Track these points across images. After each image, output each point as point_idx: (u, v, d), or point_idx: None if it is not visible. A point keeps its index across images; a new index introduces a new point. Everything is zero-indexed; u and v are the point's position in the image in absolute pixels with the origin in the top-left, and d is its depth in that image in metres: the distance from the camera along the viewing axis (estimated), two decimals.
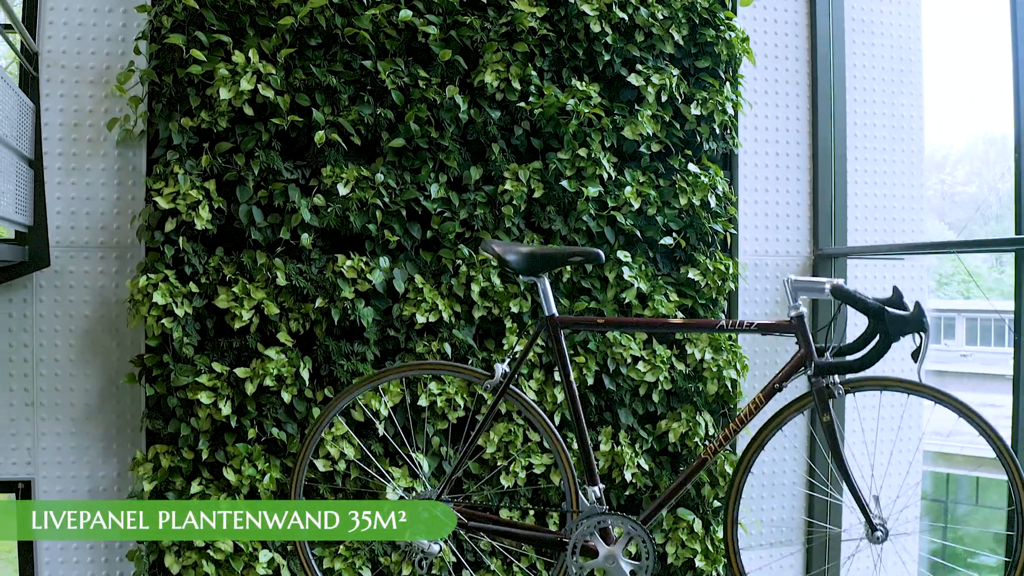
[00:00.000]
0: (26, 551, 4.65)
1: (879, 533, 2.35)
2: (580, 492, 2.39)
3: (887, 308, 2.20)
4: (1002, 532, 4.19)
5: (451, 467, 2.46)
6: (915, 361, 2.23)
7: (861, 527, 2.37)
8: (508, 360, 2.50)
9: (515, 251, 2.32)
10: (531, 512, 4.69)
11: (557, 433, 2.43)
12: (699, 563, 4.97)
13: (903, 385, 2.35)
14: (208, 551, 4.42)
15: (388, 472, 4.55)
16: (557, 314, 2.37)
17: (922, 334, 2.21)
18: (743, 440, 3.56)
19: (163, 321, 4.35)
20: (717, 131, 5.03)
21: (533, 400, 3.39)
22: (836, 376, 2.32)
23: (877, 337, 2.22)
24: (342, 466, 4.53)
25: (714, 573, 5.04)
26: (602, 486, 2.38)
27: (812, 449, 5.35)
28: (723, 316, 2.14)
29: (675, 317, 4.83)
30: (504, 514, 4.57)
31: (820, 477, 4.94)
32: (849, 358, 2.28)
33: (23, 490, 4.68)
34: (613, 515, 2.33)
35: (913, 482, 4.79)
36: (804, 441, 5.36)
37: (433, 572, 3.73)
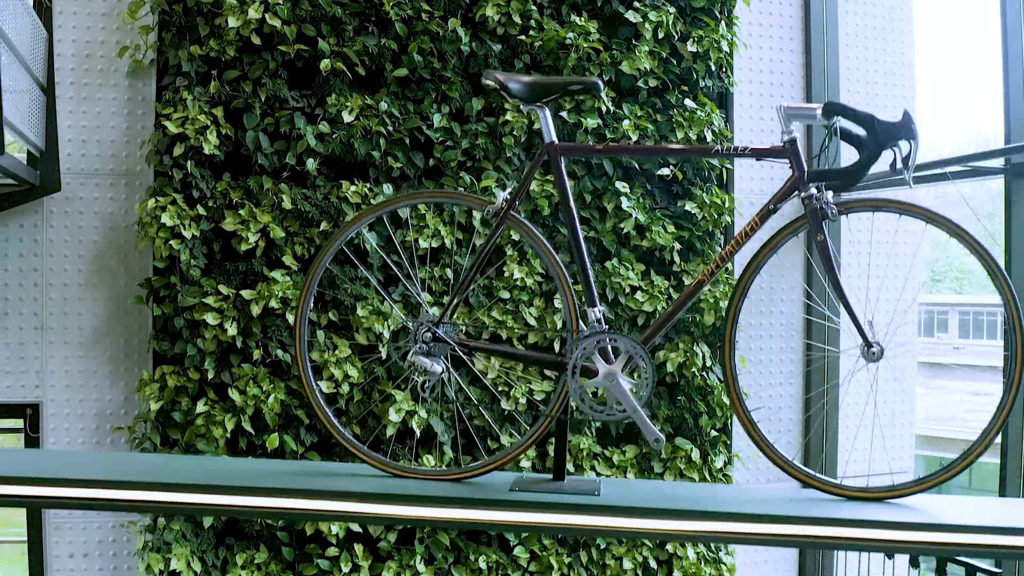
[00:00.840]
0: None
1: (875, 350, 2.42)
2: (580, 314, 2.47)
3: (876, 117, 2.30)
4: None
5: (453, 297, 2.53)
6: (905, 168, 2.31)
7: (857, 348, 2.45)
8: (509, 189, 2.59)
9: (517, 80, 2.41)
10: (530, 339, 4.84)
11: (556, 256, 2.51)
12: (693, 541, 5.02)
13: (895, 205, 2.43)
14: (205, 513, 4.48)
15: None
16: (557, 141, 2.46)
17: (911, 141, 2.30)
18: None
19: (171, 243, 4.45)
20: (713, 69, 5.14)
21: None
22: (830, 196, 2.41)
23: (867, 148, 2.32)
24: (345, 388, 4.61)
25: None
26: (602, 308, 2.46)
27: (809, 275, 5.46)
28: (718, 145, 2.22)
29: (673, 248, 4.94)
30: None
31: (816, 300, 5.06)
32: (840, 168, 2.37)
33: (31, 414, 4.75)
34: (613, 334, 2.41)
35: (905, 307, 4.88)
36: (801, 267, 5.48)
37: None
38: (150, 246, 4.51)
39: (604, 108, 4.92)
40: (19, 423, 4.78)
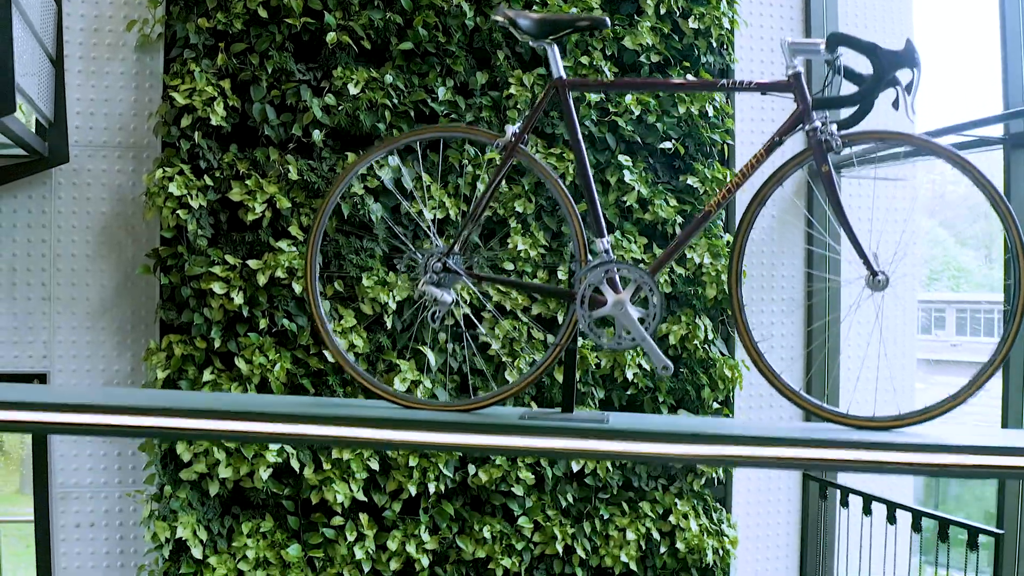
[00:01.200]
0: (40, 442, 4.74)
1: (880, 278, 2.46)
2: (588, 246, 2.51)
3: (879, 45, 2.35)
4: (992, 510, 4.33)
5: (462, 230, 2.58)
6: (908, 94, 2.35)
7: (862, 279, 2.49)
8: (519, 123, 2.64)
9: (527, 16, 2.45)
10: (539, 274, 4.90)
11: (564, 187, 2.55)
12: (700, 465, 5.07)
13: (899, 137, 2.48)
14: (219, 439, 4.52)
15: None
16: (565, 77, 2.51)
17: (914, 69, 2.35)
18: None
19: (178, 213, 4.49)
20: (714, 45, 5.20)
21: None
22: (834, 129, 2.46)
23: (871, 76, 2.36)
24: (351, 358, 4.63)
25: (714, 474, 5.14)
26: (609, 239, 2.50)
27: (811, 206, 5.52)
28: (724, 81, 2.26)
29: (677, 223, 4.99)
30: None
31: (818, 228, 5.12)
32: (845, 95, 2.42)
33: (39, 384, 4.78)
34: (621, 263, 2.45)
35: (908, 239, 4.94)
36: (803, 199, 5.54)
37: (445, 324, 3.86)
38: (157, 216, 4.55)
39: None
40: None
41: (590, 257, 2.51)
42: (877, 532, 4.54)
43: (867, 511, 4.58)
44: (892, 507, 4.39)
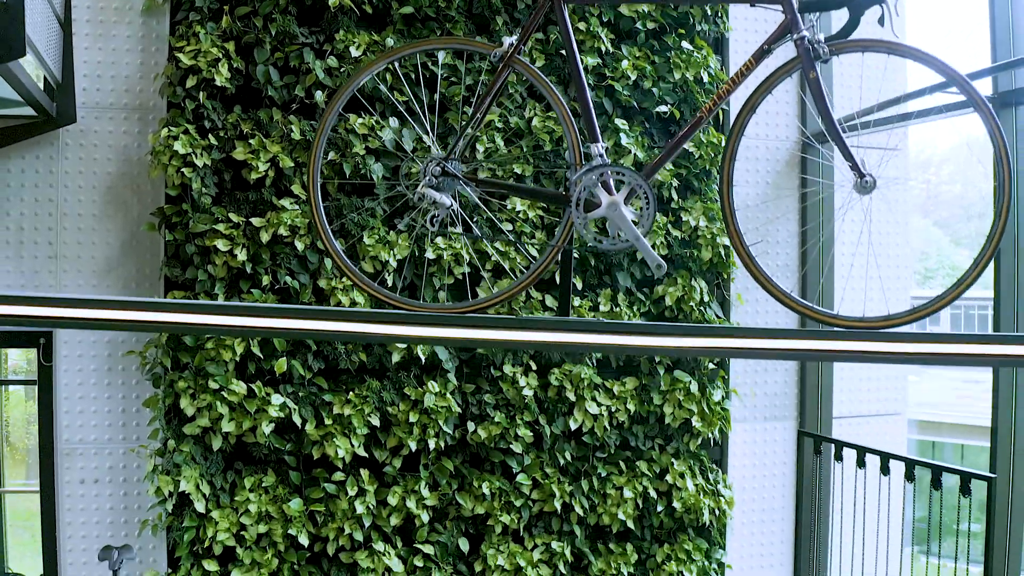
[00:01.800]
0: (47, 395, 4.81)
1: (867, 179, 2.54)
2: (583, 151, 2.59)
3: None
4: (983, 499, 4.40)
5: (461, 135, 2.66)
6: (895, 13, 2.44)
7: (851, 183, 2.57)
8: (516, 36, 2.72)
9: None
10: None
11: (559, 94, 2.64)
12: (696, 423, 5.14)
13: (884, 45, 2.55)
14: (222, 392, 4.59)
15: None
16: None
17: None
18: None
19: (183, 171, 4.57)
20: (709, 13, 5.30)
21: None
22: (822, 38, 2.54)
23: None
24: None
25: (710, 434, 5.20)
26: (604, 144, 2.58)
27: (803, 116, 5.59)
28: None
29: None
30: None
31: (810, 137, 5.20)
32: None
33: (44, 343, 4.85)
34: (616, 166, 2.52)
35: (895, 142, 5.01)
36: (795, 108, 5.60)
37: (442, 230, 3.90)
38: (162, 175, 4.64)
39: (603, 48, 5.07)
40: (32, 352, 4.89)
41: (585, 161, 2.59)
42: (871, 486, 4.60)
43: (861, 463, 4.64)
44: (885, 458, 4.45)
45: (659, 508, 5.11)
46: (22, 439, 6.91)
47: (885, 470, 4.46)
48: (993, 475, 4.10)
